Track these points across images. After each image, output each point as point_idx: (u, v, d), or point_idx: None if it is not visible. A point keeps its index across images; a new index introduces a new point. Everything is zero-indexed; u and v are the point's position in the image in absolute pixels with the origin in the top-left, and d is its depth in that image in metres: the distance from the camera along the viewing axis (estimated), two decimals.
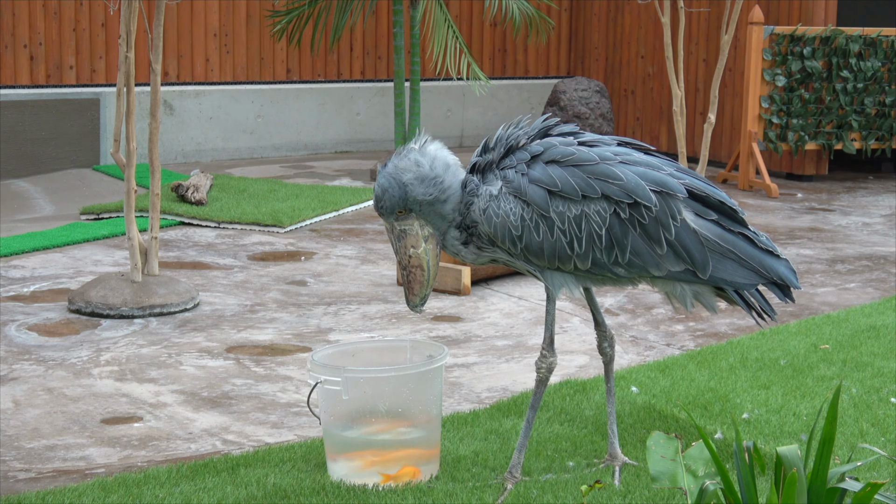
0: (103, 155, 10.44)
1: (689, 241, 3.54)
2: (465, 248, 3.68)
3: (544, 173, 3.52)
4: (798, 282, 3.67)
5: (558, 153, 3.55)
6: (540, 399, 3.72)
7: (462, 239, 3.66)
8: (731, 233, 3.60)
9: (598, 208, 3.51)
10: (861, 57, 10.45)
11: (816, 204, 9.64)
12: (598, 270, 3.58)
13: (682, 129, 7.69)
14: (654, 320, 5.99)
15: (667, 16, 7.58)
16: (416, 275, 3.63)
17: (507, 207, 3.54)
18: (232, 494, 3.62)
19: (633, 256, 3.54)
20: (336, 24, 10.22)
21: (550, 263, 3.57)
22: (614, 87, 12.48)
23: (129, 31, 5.87)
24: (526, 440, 3.73)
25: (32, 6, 10.26)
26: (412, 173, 3.55)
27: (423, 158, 3.57)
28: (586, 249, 3.53)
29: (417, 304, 3.67)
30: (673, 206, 3.53)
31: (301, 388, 4.88)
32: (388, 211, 3.58)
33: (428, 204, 3.57)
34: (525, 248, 3.56)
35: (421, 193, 3.55)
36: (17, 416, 4.53)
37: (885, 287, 6.79)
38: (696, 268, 3.55)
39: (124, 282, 6.00)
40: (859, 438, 4.12)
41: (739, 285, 3.60)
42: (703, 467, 2.88)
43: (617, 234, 3.51)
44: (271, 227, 8.08)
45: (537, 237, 3.54)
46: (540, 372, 3.71)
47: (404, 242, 3.63)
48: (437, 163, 3.58)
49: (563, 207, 3.52)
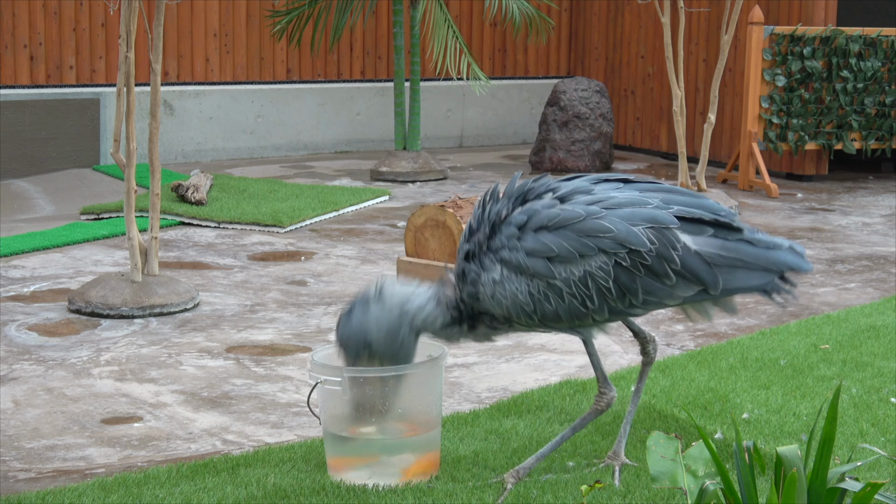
0: (103, 155, 10.45)
1: (695, 264, 3.54)
2: (473, 333, 3.72)
3: (538, 242, 3.52)
4: (808, 264, 3.66)
5: (544, 218, 3.54)
6: (585, 425, 3.81)
7: (464, 330, 3.70)
8: (730, 241, 3.60)
9: (599, 263, 3.51)
10: (861, 57, 10.45)
11: (816, 204, 9.64)
12: (616, 317, 3.63)
13: (682, 129, 7.69)
14: (654, 320, 5.98)
15: (667, 16, 7.58)
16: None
17: (512, 288, 3.54)
18: (232, 494, 3.62)
19: (647, 296, 3.55)
20: (336, 24, 10.22)
21: (571, 324, 3.61)
22: (614, 87, 12.48)
23: (129, 31, 5.87)
24: (550, 453, 3.78)
25: (32, 6, 10.26)
26: (378, 331, 3.62)
27: (384, 312, 3.62)
28: (600, 304, 3.55)
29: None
30: (671, 237, 3.52)
31: (301, 388, 4.88)
32: (353, 361, 3.69)
33: (390, 357, 3.67)
34: (542, 319, 3.59)
35: (385, 349, 3.64)
36: (17, 416, 4.53)
37: (885, 287, 6.79)
38: (708, 287, 3.56)
39: (124, 282, 6.00)
40: (859, 438, 4.12)
41: (756, 288, 3.61)
42: (703, 467, 2.88)
43: (625, 282, 3.52)
44: (271, 227, 8.08)
45: (550, 306, 3.55)
46: (599, 405, 3.78)
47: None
48: (394, 312, 3.63)
49: (566, 273, 3.52)
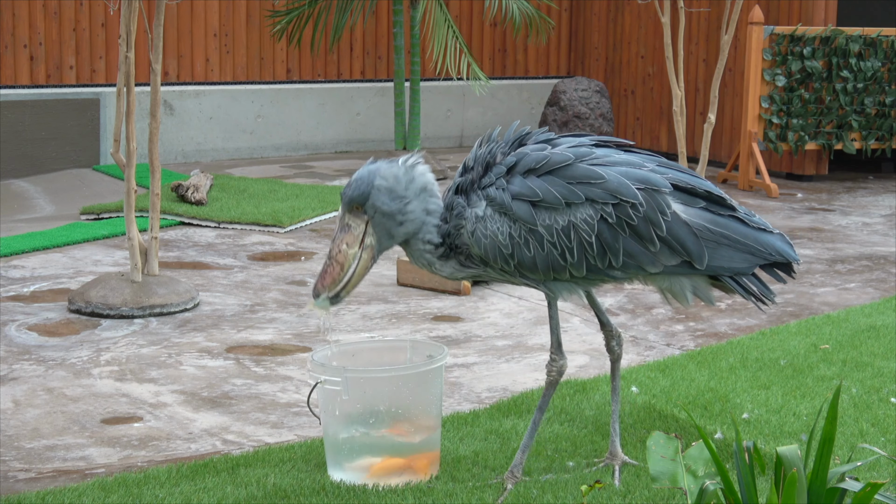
0: (103, 155, 10.44)
1: (682, 233, 3.52)
2: (440, 262, 3.64)
3: (524, 186, 3.51)
4: (796, 254, 3.65)
5: (532, 160, 3.53)
6: (548, 401, 3.74)
7: (438, 253, 3.62)
8: (721, 216, 3.59)
9: (584, 216, 3.49)
10: (861, 57, 10.45)
11: (816, 204, 9.64)
12: (594, 276, 3.58)
13: (682, 129, 7.69)
14: (654, 320, 5.99)
15: (667, 16, 7.58)
16: (334, 269, 3.55)
17: (494, 228, 3.53)
18: (232, 494, 3.62)
19: (627, 258, 3.53)
20: (336, 24, 10.22)
21: (546, 276, 3.57)
22: (614, 87, 12.48)
23: (129, 31, 5.87)
24: (531, 441, 3.74)
25: (32, 6, 10.26)
26: (386, 182, 3.53)
27: (403, 176, 3.55)
28: (579, 258, 3.52)
29: (322, 299, 3.56)
30: (661, 201, 3.51)
31: (301, 388, 4.88)
32: (348, 200, 3.54)
33: (383, 215, 3.53)
34: (518, 264, 3.55)
35: (382, 203, 3.52)
36: (17, 416, 4.53)
37: (885, 287, 6.79)
38: (693, 259, 3.54)
39: (124, 282, 6.00)
40: (859, 438, 4.12)
41: (737, 271, 3.58)
42: (703, 467, 2.88)
43: (607, 239, 3.50)
44: (271, 227, 8.08)
45: (528, 253, 3.53)
46: (550, 375, 3.71)
47: (343, 236, 3.57)
48: (413, 185, 3.55)
49: (549, 220, 3.50)
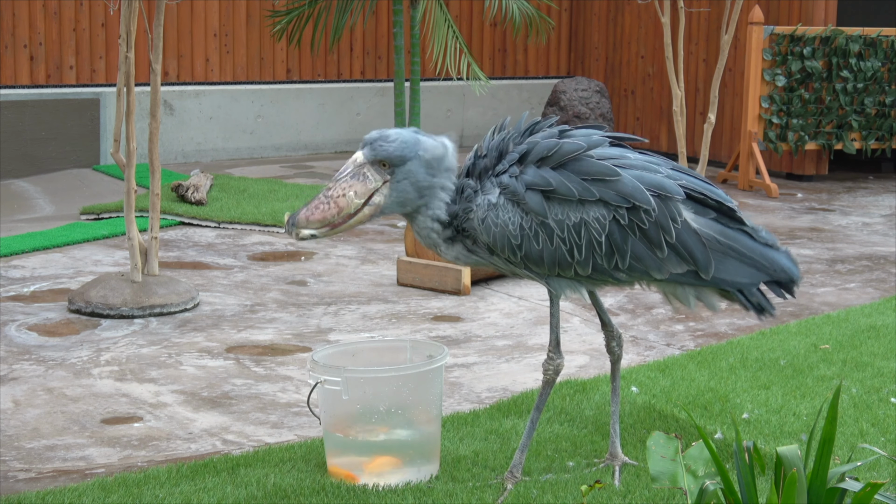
0: (103, 155, 10.44)
1: (691, 241, 3.52)
2: (446, 245, 3.61)
3: (537, 175, 3.50)
4: (799, 272, 3.66)
5: (543, 148, 3.52)
6: (545, 400, 3.73)
7: (445, 235, 3.59)
8: (730, 229, 3.59)
9: (597, 215, 3.49)
10: (861, 57, 10.45)
11: (816, 204, 9.64)
12: (599, 276, 3.57)
13: (682, 129, 7.69)
14: (655, 320, 5.99)
15: (667, 16, 7.58)
16: (329, 209, 3.47)
17: (505, 217, 3.52)
18: (232, 494, 3.62)
19: (634, 261, 3.52)
20: (336, 24, 10.21)
21: (551, 271, 3.56)
22: (614, 87, 12.48)
23: (129, 31, 5.87)
24: (529, 440, 3.74)
25: (32, 6, 10.25)
26: (428, 155, 3.50)
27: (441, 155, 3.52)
28: (586, 256, 3.51)
29: (301, 229, 3.47)
30: (673, 208, 3.51)
31: (301, 388, 4.88)
32: (385, 155, 3.47)
33: (411, 184, 3.49)
34: (525, 256, 3.54)
35: (418, 172, 3.48)
36: (17, 416, 4.53)
37: (885, 287, 6.78)
38: (699, 268, 3.54)
39: (124, 282, 6.00)
40: (859, 438, 4.12)
41: (742, 285, 3.59)
42: (703, 467, 2.88)
43: (617, 240, 3.50)
44: (271, 227, 8.08)
45: (537, 245, 3.52)
46: (547, 374, 3.71)
47: (353, 182, 3.49)
48: (443, 164, 3.54)
49: (561, 215, 3.50)
